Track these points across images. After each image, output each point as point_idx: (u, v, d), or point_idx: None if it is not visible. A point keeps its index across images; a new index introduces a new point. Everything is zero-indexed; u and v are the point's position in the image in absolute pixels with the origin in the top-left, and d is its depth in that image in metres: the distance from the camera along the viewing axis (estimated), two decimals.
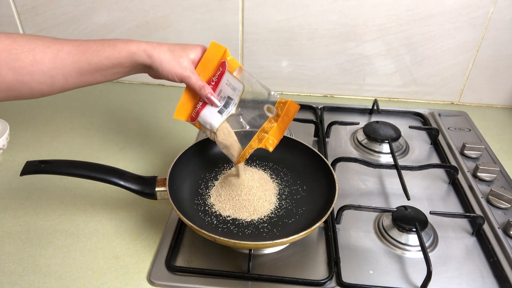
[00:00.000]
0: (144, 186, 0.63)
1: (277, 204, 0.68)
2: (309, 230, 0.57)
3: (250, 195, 0.66)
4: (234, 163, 0.66)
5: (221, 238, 0.56)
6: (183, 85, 0.62)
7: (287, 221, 0.65)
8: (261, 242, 0.57)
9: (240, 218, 0.65)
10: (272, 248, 0.63)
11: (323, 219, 0.59)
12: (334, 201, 0.61)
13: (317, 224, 0.58)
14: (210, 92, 0.62)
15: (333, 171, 0.67)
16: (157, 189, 0.63)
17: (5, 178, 0.77)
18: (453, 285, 0.60)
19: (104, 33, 1.01)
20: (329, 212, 0.60)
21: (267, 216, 0.65)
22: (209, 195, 0.69)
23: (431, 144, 0.91)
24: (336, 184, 0.64)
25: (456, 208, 0.74)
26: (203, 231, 0.56)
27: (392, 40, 0.97)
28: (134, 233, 0.67)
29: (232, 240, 0.56)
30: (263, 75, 1.05)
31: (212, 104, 0.62)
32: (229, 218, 0.65)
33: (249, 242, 0.56)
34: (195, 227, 0.56)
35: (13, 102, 1.01)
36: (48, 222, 0.68)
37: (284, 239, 0.56)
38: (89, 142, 0.88)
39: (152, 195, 0.63)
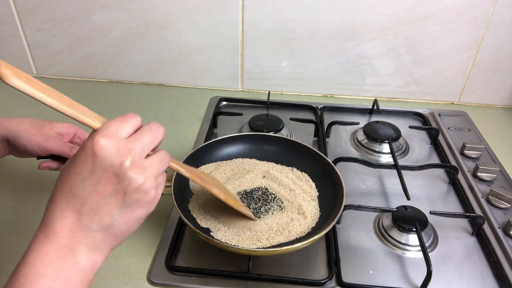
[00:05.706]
0: None
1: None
2: (308, 241, 0.55)
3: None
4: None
5: (215, 240, 0.56)
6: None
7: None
8: (254, 249, 0.56)
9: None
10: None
11: (324, 232, 0.57)
12: (339, 214, 0.59)
13: (318, 236, 0.56)
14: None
15: (342, 182, 0.65)
16: None
17: (6, 178, 0.77)
18: (453, 285, 0.60)
19: (104, 33, 1.01)
20: (332, 225, 0.58)
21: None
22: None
23: (431, 144, 0.91)
24: (344, 196, 0.63)
25: (456, 208, 0.74)
26: (199, 231, 0.56)
27: (392, 40, 0.97)
28: (134, 233, 0.66)
29: (225, 244, 0.56)
30: (263, 75, 1.05)
31: None
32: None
33: (241, 248, 0.56)
34: (192, 227, 0.56)
35: (13, 103, 1.01)
36: None
37: (277, 249, 0.55)
38: None
39: None
